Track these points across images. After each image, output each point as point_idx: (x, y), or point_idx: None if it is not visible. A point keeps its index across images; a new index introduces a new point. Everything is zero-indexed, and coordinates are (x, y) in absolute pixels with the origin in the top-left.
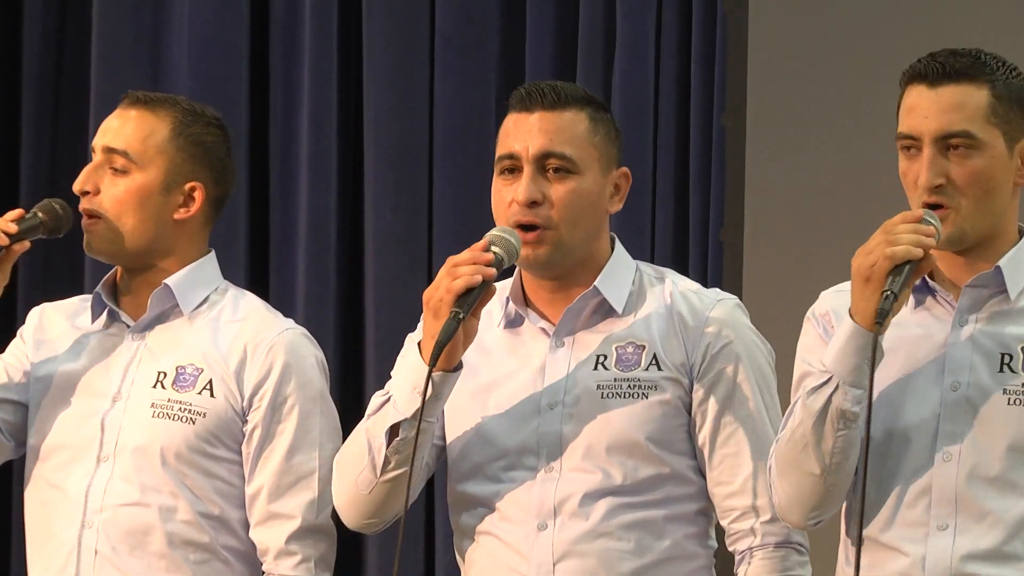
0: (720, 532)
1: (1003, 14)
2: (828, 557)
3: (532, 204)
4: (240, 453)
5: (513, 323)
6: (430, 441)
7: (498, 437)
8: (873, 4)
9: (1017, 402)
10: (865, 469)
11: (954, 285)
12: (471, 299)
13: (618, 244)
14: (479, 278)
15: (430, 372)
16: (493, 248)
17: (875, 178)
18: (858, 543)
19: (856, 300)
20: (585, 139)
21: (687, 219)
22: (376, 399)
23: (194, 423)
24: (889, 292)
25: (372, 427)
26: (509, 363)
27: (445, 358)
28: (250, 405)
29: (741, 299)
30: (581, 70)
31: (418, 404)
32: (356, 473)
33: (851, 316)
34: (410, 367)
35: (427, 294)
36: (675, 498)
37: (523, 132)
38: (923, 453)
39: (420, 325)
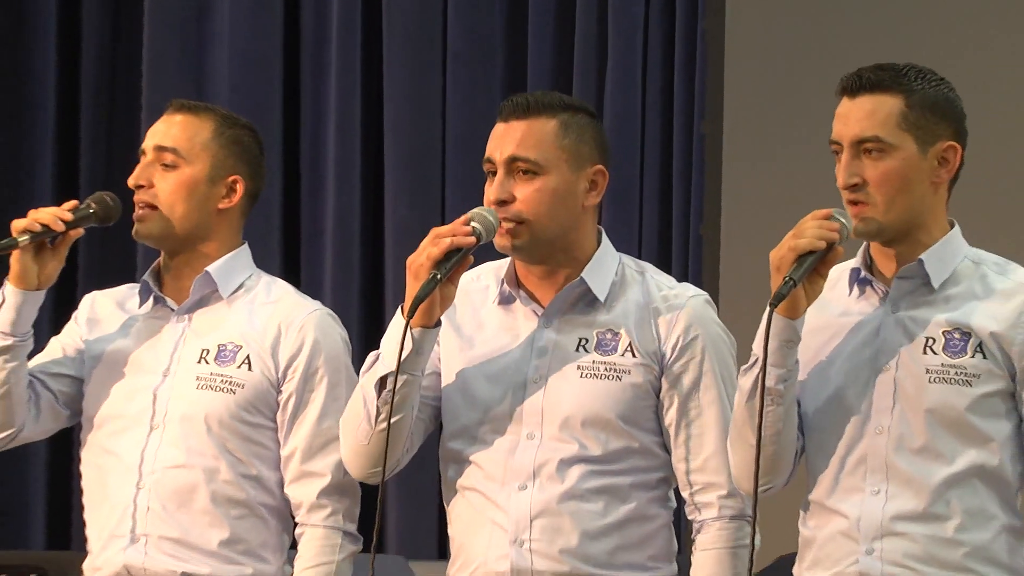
0: (681, 501)
1: (963, 27)
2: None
3: (501, 203)
4: (275, 420)
5: (506, 301)
6: (416, 393)
7: (487, 403)
8: (837, 25)
9: (939, 380)
10: (759, 431)
11: (883, 275)
12: (449, 265)
13: (604, 238)
14: (456, 242)
15: (407, 326)
16: (472, 223)
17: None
18: (755, 496)
19: (772, 288)
20: (552, 143)
21: (670, 215)
22: (369, 358)
23: (234, 393)
24: (789, 279)
25: (365, 382)
26: (502, 338)
27: (423, 315)
28: (284, 377)
29: (718, 287)
30: (576, 82)
31: (402, 355)
32: (356, 426)
33: (770, 305)
34: (395, 326)
35: (410, 259)
36: (640, 468)
37: (498, 139)
38: (859, 427)
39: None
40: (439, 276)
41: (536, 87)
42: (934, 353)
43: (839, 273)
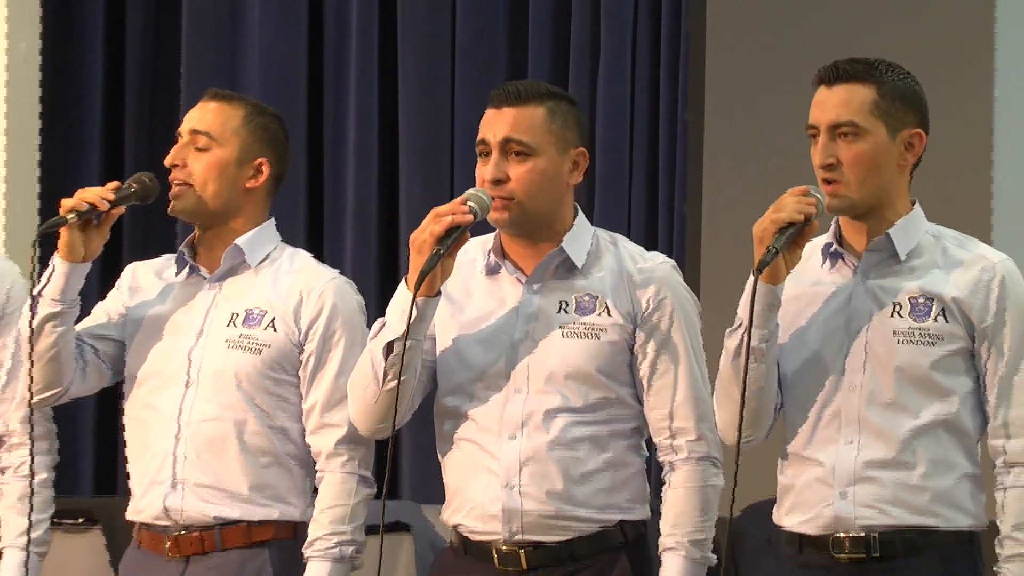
0: (652, 447)
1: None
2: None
3: (496, 182)
4: (297, 377)
5: (493, 271)
6: (419, 357)
7: (478, 362)
8: (805, 25)
9: (906, 341)
10: (744, 387)
11: (854, 248)
12: (449, 241)
13: (580, 212)
14: (455, 220)
15: (414, 297)
16: (469, 203)
17: (806, 160)
18: (737, 449)
19: (756, 257)
20: (541, 127)
21: (657, 196)
22: (375, 325)
23: (260, 353)
24: (772, 248)
25: (373, 347)
26: (489, 303)
27: (426, 286)
28: (305, 338)
29: (700, 260)
30: (572, 77)
31: (405, 324)
32: (364, 387)
33: (753, 272)
34: (400, 296)
35: (413, 236)
36: (617, 418)
37: (492, 124)
38: (834, 385)
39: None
40: (441, 251)
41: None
42: (901, 317)
43: (811, 248)
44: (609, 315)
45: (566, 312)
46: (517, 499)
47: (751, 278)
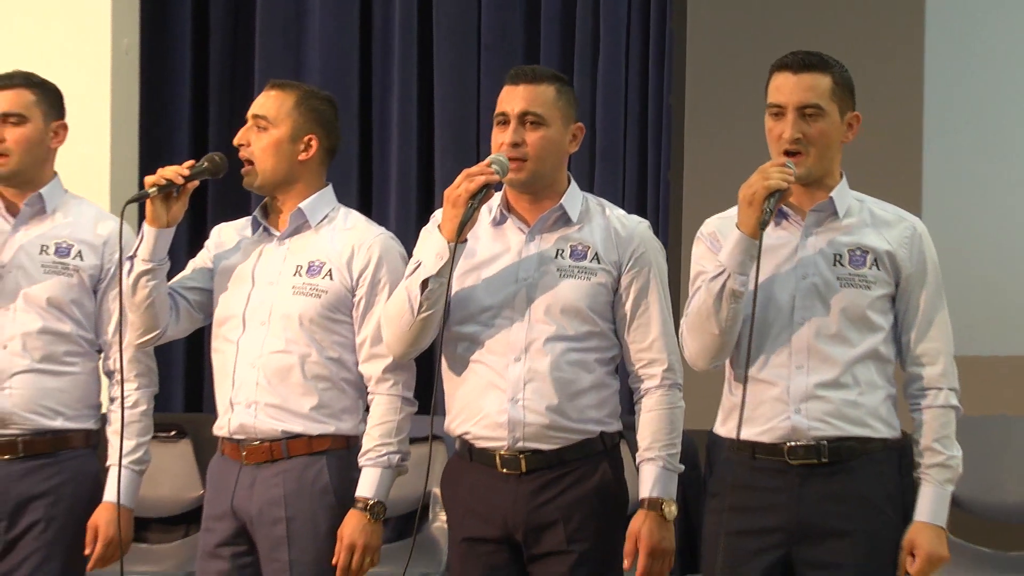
0: (624, 375)
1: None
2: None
3: (515, 145)
4: (351, 316)
5: (499, 223)
6: (445, 292)
7: (487, 296)
8: (764, 29)
9: (847, 285)
10: (752, 325)
11: (800, 210)
12: (479, 196)
13: (572, 179)
14: (485, 180)
15: (456, 244)
16: (493, 165)
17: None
18: (744, 379)
19: (742, 218)
20: (551, 103)
21: (646, 165)
22: (409, 267)
23: (320, 298)
24: (767, 210)
25: (409, 284)
26: (496, 248)
27: (462, 234)
28: (357, 284)
29: (681, 219)
30: (576, 67)
31: (440, 265)
32: (399, 317)
33: (738, 228)
34: (434, 242)
35: (448, 192)
36: (601, 348)
37: (511, 98)
38: (786, 321)
39: (432, 220)
40: (475, 204)
41: None
42: (842, 266)
43: None
44: (598, 262)
45: (562, 257)
46: (521, 411)
47: (736, 234)
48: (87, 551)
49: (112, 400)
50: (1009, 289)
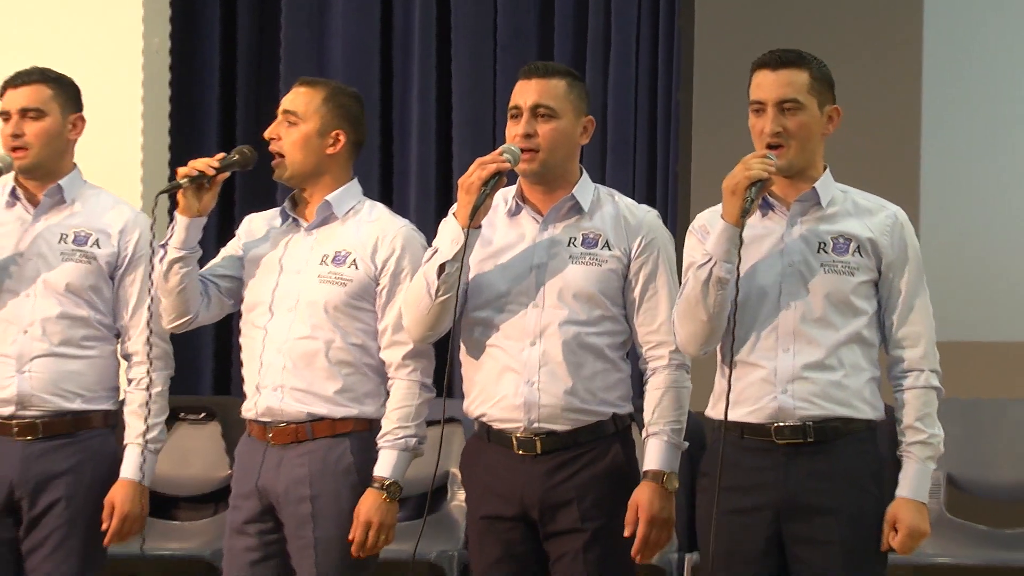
0: (633, 357)
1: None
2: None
3: (527, 136)
4: (374, 304)
5: (514, 213)
6: (462, 277)
7: (502, 282)
8: (767, 27)
9: (830, 271)
10: (735, 310)
11: (785, 200)
12: (491, 183)
13: (584, 170)
14: (497, 167)
15: (468, 229)
16: (504, 154)
17: None
18: (730, 363)
19: (726, 208)
20: (563, 97)
21: (655, 158)
22: (427, 254)
23: (345, 286)
24: (748, 199)
25: (427, 269)
26: (511, 237)
27: (475, 219)
28: (380, 274)
29: (689, 208)
30: (589, 64)
31: (455, 249)
32: (418, 301)
33: (722, 218)
34: (449, 228)
35: (461, 180)
36: (611, 332)
37: (524, 92)
38: (773, 305)
39: (451, 212)
40: (487, 191)
41: None
42: (826, 253)
43: None
44: (609, 249)
45: (574, 245)
46: (536, 393)
47: (720, 224)
48: (104, 527)
49: (129, 381)
50: (1004, 279)
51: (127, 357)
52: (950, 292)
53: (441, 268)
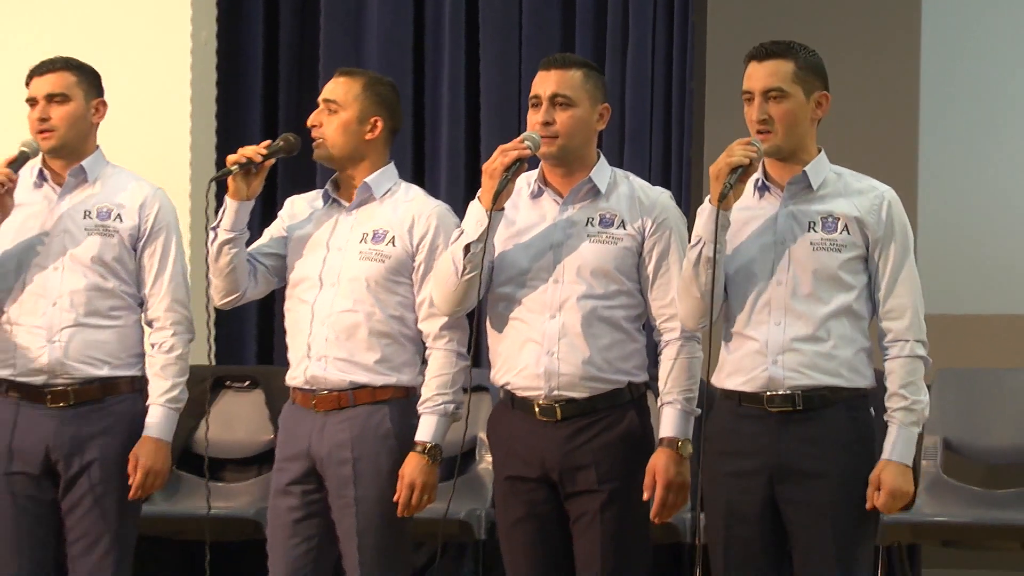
0: (648, 330)
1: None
2: None
3: (546, 124)
4: (411, 279)
5: (536, 195)
6: (487, 256)
7: (525, 260)
8: (776, 21)
9: (819, 249)
10: (712, 288)
11: (778, 183)
12: (513, 169)
13: (601, 154)
14: (518, 154)
15: (491, 211)
16: (526, 141)
17: None
18: (709, 331)
19: (712, 191)
20: (579, 86)
21: (670, 144)
22: (454, 235)
23: (384, 262)
24: (728, 184)
25: (454, 249)
26: (533, 218)
27: (498, 202)
28: (416, 250)
29: (701, 193)
30: (608, 56)
31: (480, 230)
32: (446, 279)
33: (708, 202)
34: (475, 211)
35: (485, 166)
36: (627, 305)
37: (543, 82)
38: (765, 281)
39: (478, 193)
40: (508, 176)
41: None
42: (815, 231)
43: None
44: (624, 228)
45: (592, 224)
46: (556, 363)
47: (707, 206)
48: (129, 482)
49: (152, 346)
50: (998, 256)
51: (150, 323)
52: (947, 268)
53: (467, 248)
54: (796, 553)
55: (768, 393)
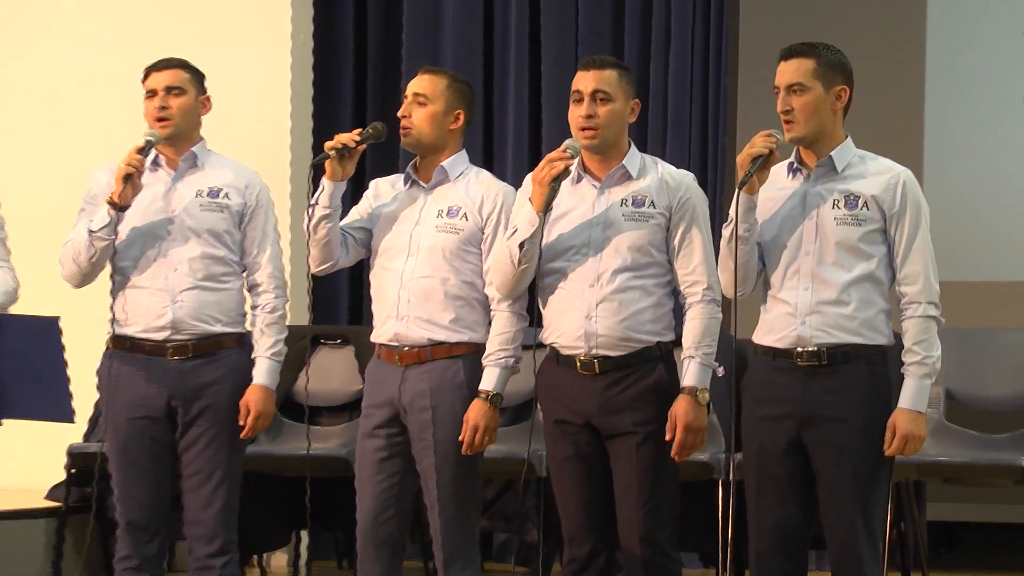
0: (676, 295)
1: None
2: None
3: (589, 117)
4: (480, 249)
5: (576, 181)
6: (538, 250)
7: (569, 238)
8: (801, 24)
9: (842, 223)
10: (735, 265)
11: (808, 166)
12: (559, 178)
13: (631, 142)
14: (564, 166)
15: (543, 218)
16: (568, 151)
17: None
18: (734, 295)
19: (738, 177)
20: (616, 83)
21: (707, 133)
22: (509, 230)
23: (457, 235)
24: (749, 171)
25: (510, 244)
26: (572, 202)
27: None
28: (485, 224)
29: (734, 177)
30: (652, 55)
31: (532, 231)
32: (503, 268)
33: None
34: (526, 212)
35: (534, 174)
36: (657, 274)
37: (584, 80)
38: (795, 251)
39: (524, 185)
40: (557, 186)
41: (628, 60)
42: (839, 208)
43: (781, 166)
44: (654, 207)
45: (626, 205)
46: (595, 326)
47: (737, 191)
48: (240, 423)
49: (255, 307)
50: (996, 228)
51: (252, 287)
52: (951, 239)
53: (521, 245)
54: (820, 491)
55: (798, 349)
